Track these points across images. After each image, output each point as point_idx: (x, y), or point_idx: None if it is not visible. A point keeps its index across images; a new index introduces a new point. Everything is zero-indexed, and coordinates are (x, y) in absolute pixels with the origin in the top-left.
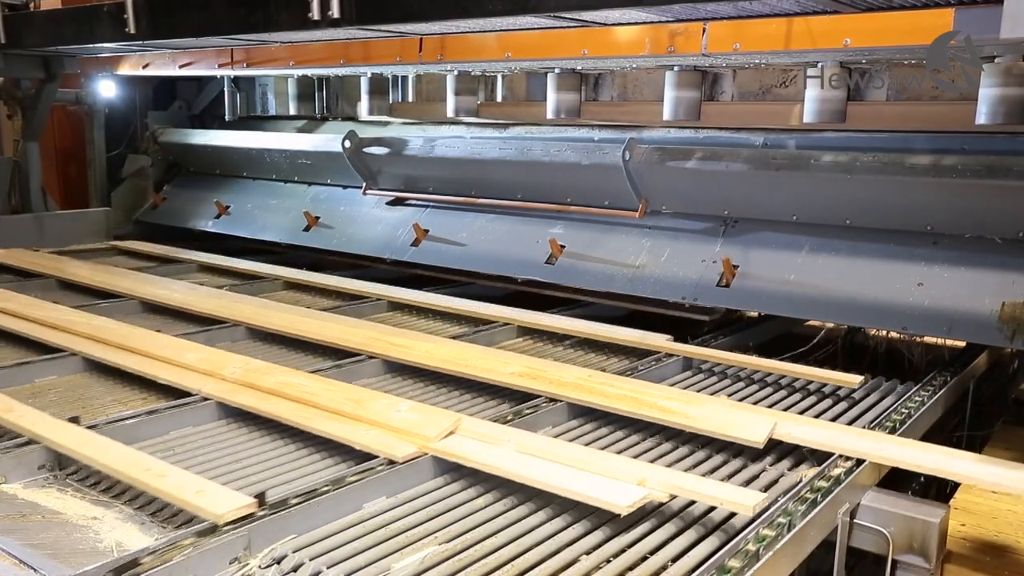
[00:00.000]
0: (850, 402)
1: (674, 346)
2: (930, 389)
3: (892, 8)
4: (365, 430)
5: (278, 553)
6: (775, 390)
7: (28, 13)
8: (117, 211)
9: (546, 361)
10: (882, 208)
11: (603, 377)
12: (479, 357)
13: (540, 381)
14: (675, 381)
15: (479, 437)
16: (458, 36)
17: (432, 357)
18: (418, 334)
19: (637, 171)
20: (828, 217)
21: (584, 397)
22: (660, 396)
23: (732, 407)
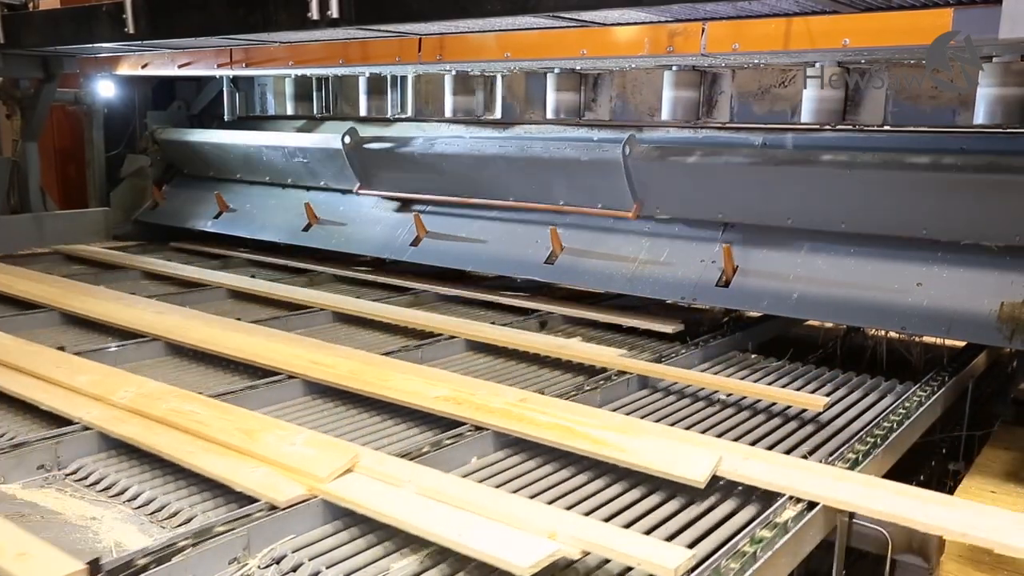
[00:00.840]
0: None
1: (627, 363)
2: (929, 389)
3: (891, 8)
4: (252, 467)
5: (277, 553)
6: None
7: (27, 13)
8: (116, 211)
9: (480, 382)
10: (881, 208)
11: (538, 401)
12: (406, 378)
13: (466, 407)
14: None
15: (380, 476)
16: (457, 36)
17: (355, 378)
18: (351, 351)
19: (636, 169)
20: (827, 216)
21: (512, 426)
22: (595, 425)
23: (676, 437)
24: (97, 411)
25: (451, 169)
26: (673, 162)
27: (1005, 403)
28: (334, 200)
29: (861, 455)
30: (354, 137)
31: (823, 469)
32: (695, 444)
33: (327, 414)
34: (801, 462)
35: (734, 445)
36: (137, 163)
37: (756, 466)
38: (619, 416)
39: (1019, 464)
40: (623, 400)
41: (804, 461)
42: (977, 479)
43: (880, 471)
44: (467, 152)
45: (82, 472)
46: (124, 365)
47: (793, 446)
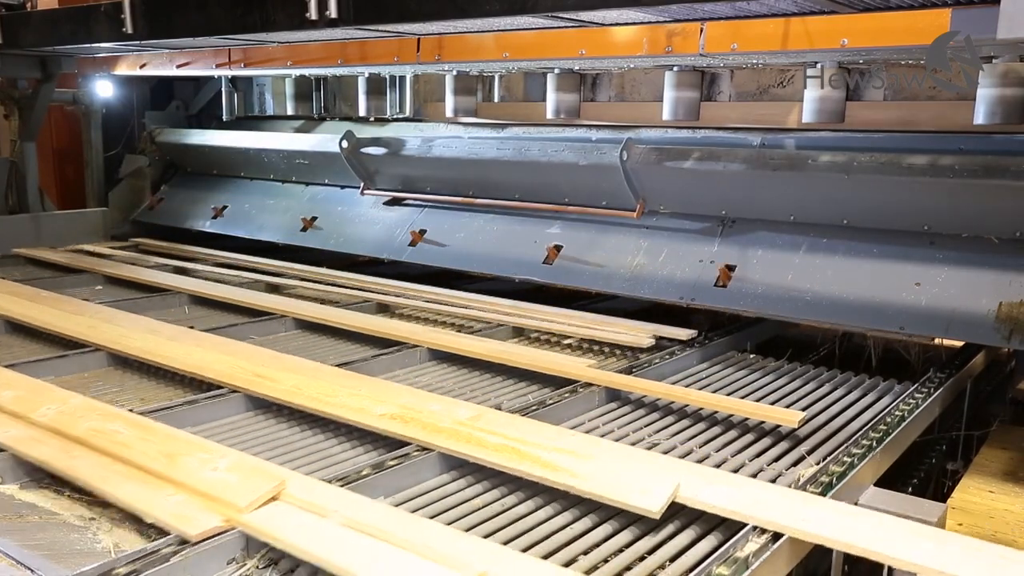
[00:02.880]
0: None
1: (594, 374)
2: (927, 389)
3: (889, 8)
4: (167, 495)
5: (276, 553)
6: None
7: (25, 13)
8: (114, 211)
9: (435, 396)
10: (880, 208)
11: (492, 419)
12: (352, 394)
13: (412, 426)
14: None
15: (307, 505)
16: (456, 36)
17: (299, 393)
18: (302, 363)
19: (635, 171)
20: (826, 217)
21: (459, 447)
22: (547, 447)
23: (636, 459)
24: (14, 431)
25: (449, 169)
26: (671, 163)
27: (1003, 403)
28: (332, 201)
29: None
30: (351, 140)
31: (792, 495)
32: (655, 467)
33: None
34: (769, 487)
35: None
36: (135, 163)
37: (719, 492)
38: (578, 435)
39: (1017, 464)
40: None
41: (773, 486)
42: (975, 479)
43: (878, 471)
44: (465, 152)
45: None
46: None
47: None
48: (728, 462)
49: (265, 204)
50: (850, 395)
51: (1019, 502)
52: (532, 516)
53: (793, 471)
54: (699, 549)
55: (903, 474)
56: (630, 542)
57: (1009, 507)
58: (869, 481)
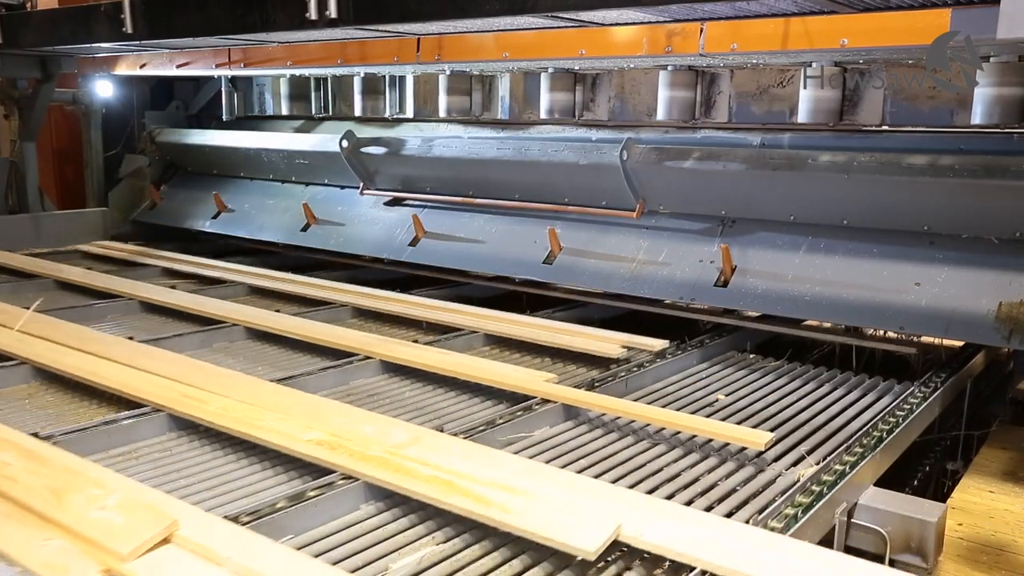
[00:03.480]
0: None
1: (553, 390)
2: (927, 389)
3: (889, 8)
4: (45, 540)
5: None
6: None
7: (25, 13)
8: (114, 211)
9: (373, 416)
10: (880, 208)
11: (430, 444)
12: (281, 416)
13: (340, 452)
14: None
15: (200, 549)
16: (456, 36)
17: (225, 415)
18: (238, 378)
19: (635, 171)
20: (826, 217)
21: (386, 477)
22: (481, 479)
23: (580, 490)
24: None
25: (449, 169)
26: (671, 163)
27: (1003, 403)
28: (332, 201)
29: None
30: (351, 140)
31: (750, 533)
32: (600, 499)
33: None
34: (725, 524)
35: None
36: (135, 163)
37: (667, 529)
38: (521, 461)
39: (1017, 464)
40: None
41: (729, 522)
42: (975, 479)
43: (878, 471)
44: (465, 152)
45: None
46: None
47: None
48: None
49: (265, 204)
50: (850, 395)
51: (1019, 502)
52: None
53: (793, 471)
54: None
55: (903, 474)
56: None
57: (1009, 507)
58: (869, 481)
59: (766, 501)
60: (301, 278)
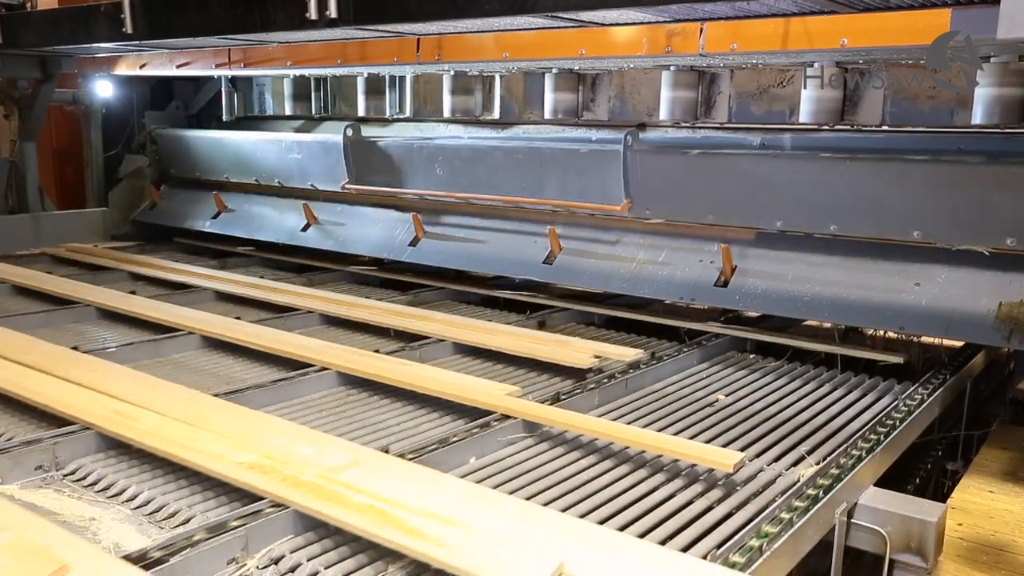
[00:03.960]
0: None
1: (514, 405)
2: (927, 389)
3: (889, 8)
4: None
5: (276, 553)
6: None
7: (25, 13)
8: (114, 211)
9: (316, 434)
10: (879, 207)
11: (370, 464)
12: (216, 437)
13: (271, 477)
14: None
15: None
16: (456, 36)
17: (155, 434)
18: (179, 391)
19: (635, 171)
20: (826, 216)
21: (317, 505)
22: (417, 509)
23: (522, 521)
24: None
25: (450, 168)
26: (671, 162)
27: (1003, 403)
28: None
29: (848, 466)
30: (356, 131)
31: (703, 569)
32: (546, 531)
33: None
34: (680, 560)
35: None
36: (135, 163)
37: (615, 566)
38: (466, 486)
39: (1017, 464)
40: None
41: (684, 557)
42: (975, 479)
43: (878, 471)
44: (465, 151)
45: (79, 472)
46: None
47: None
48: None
49: (265, 203)
50: (850, 395)
51: (1019, 502)
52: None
53: (793, 471)
54: None
55: (903, 474)
56: None
57: (1009, 507)
58: (869, 481)
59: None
60: (269, 283)
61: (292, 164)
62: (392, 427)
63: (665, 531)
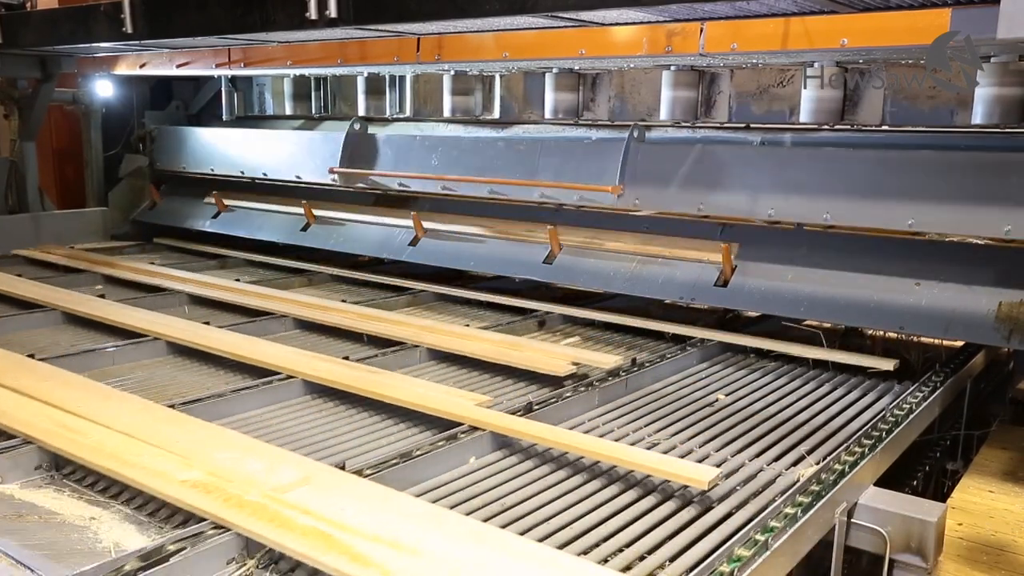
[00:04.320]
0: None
1: (483, 416)
2: (927, 388)
3: (889, 8)
4: None
5: (276, 553)
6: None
7: (25, 13)
8: (114, 211)
9: (268, 448)
10: (880, 207)
11: (321, 481)
12: (161, 452)
13: (214, 497)
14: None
15: None
16: (455, 36)
17: (99, 449)
18: (131, 402)
19: (635, 171)
20: (825, 217)
21: (260, 528)
22: (366, 533)
23: (479, 546)
24: None
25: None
26: (671, 161)
27: (1003, 403)
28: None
29: (848, 466)
30: (363, 125)
31: None
32: (503, 559)
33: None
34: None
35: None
36: (135, 163)
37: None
38: (422, 506)
39: (1017, 464)
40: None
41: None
42: (975, 479)
43: (878, 471)
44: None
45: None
46: None
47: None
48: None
49: (264, 203)
50: (850, 395)
51: (1019, 502)
52: None
53: (793, 471)
54: None
55: (903, 474)
56: None
57: (1009, 507)
58: (869, 481)
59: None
60: (245, 286)
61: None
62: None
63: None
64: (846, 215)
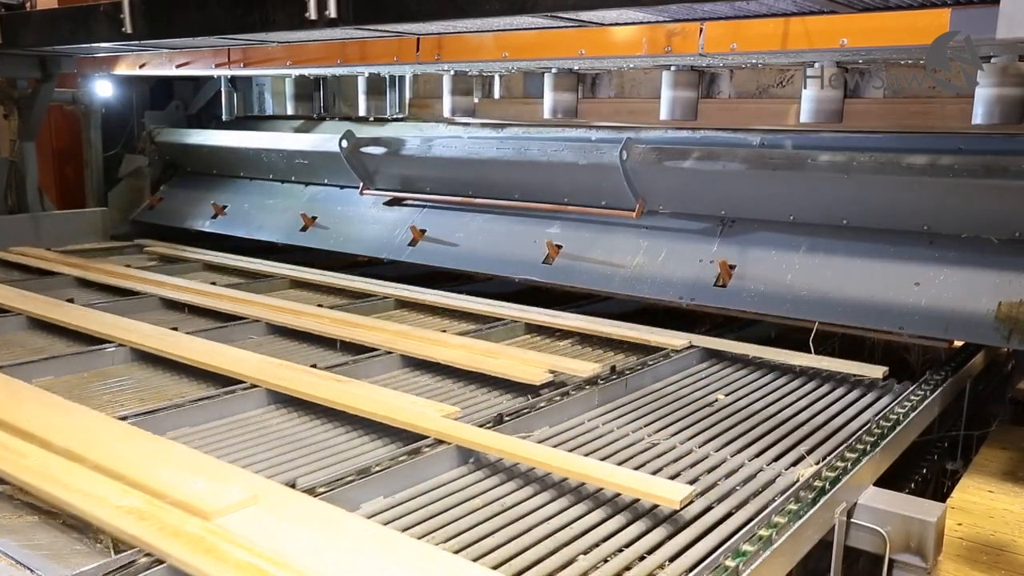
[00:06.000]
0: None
1: (450, 428)
2: (927, 388)
3: (889, 8)
4: None
5: None
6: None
7: (25, 13)
8: (114, 211)
9: (214, 466)
10: (879, 208)
11: (270, 502)
12: (101, 472)
13: (149, 524)
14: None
15: None
16: (455, 36)
17: (32, 470)
18: (78, 413)
19: (634, 171)
20: (825, 217)
21: (193, 560)
22: (299, 568)
23: (423, 573)
24: None
25: (449, 169)
26: (671, 163)
27: (1003, 403)
28: (332, 201)
29: (848, 466)
30: (351, 140)
31: None
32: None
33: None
34: None
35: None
36: (135, 163)
37: None
38: (369, 529)
39: (1017, 464)
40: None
41: None
42: (975, 479)
43: (878, 471)
44: (465, 152)
45: None
46: None
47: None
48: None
49: (264, 204)
50: (850, 394)
51: (1019, 502)
52: None
53: (793, 471)
54: None
55: (903, 474)
56: None
57: (1009, 507)
58: (869, 481)
59: None
60: (218, 290)
61: (293, 164)
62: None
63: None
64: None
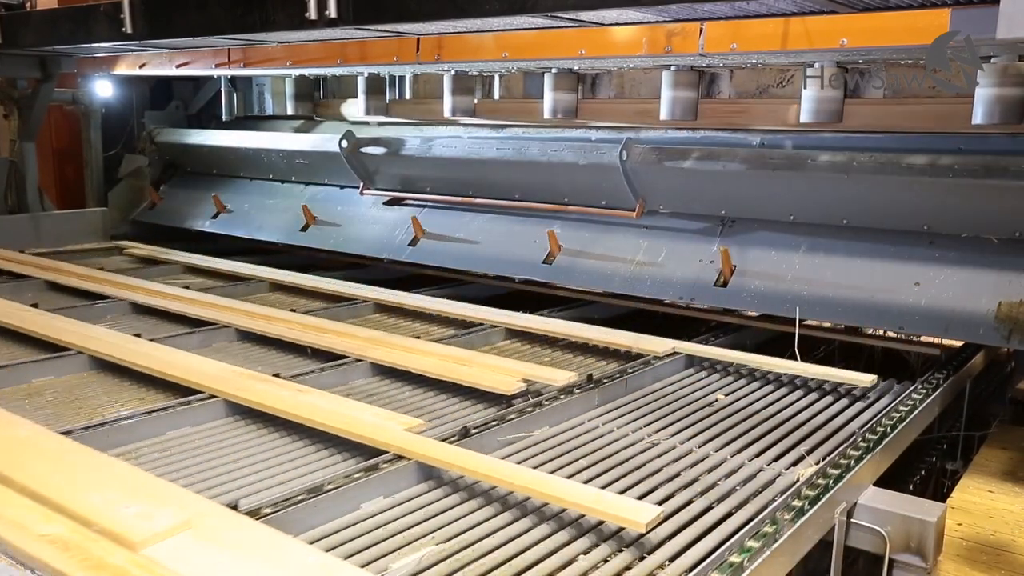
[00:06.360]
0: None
1: (410, 443)
2: (927, 388)
3: (889, 8)
4: None
5: None
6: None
7: (25, 13)
8: (114, 211)
9: (154, 487)
10: (879, 208)
11: (207, 527)
12: (27, 497)
13: (72, 555)
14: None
15: None
16: (455, 36)
17: None
18: (20, 425)
19: (634, 171)
20: (825, 217)
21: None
22: None
23: None
24: None
25: (449, 169)
26: (671, 163)
27: (1003, 403)
28: (332, 200)
29: (847, 466)
30: (351, 140)
31: None
32: None
33: None
34: None
35: None
36: (135, 163)
37: None
38: (310, 556)
39: (1017, 464)
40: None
41: None
42: (975, 479)
43: (878, 471)
44: (465, 152)
45: None
46: None
47: None
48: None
49: (264, 204)
50: (850, 395)
51: (1019, 502)
52: None
53: (793, 471)
54: None
55: (903, 474)
56: None
57: (1009, 507)
58: (869, 481)
59: None
60: (190, 293)
61: (293, 164)
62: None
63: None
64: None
